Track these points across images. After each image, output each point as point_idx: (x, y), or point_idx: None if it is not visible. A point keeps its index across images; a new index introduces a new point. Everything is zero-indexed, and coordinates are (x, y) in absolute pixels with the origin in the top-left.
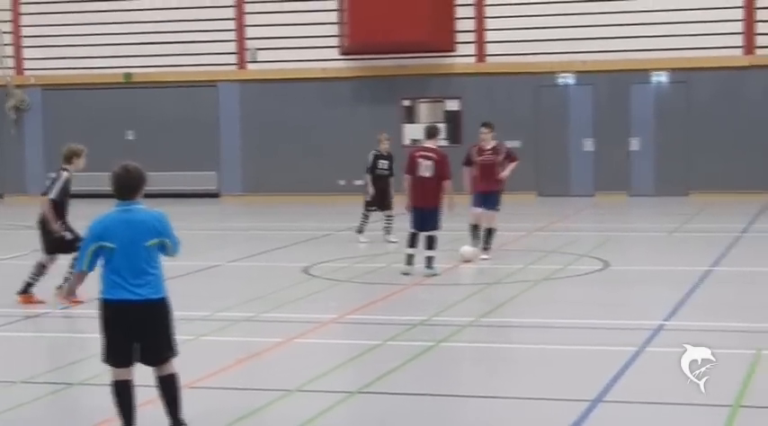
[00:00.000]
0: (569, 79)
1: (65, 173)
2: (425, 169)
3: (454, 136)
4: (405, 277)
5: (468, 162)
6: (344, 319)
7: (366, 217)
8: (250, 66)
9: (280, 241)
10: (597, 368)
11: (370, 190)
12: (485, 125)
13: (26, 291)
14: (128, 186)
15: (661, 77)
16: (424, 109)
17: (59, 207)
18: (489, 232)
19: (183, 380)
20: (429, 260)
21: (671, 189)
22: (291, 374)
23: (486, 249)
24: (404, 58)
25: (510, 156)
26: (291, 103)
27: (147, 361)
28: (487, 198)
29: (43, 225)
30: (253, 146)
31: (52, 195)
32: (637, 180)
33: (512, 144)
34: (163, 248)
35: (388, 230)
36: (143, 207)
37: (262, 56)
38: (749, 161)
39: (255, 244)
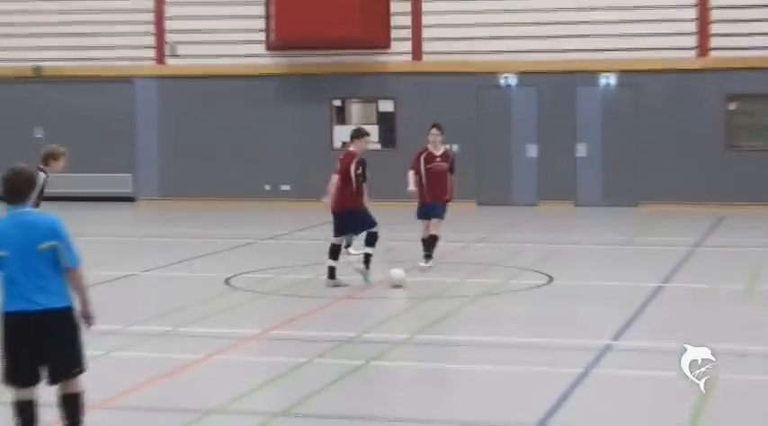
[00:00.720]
0: (512, 80)
1: (42, 175)
2: (335, 170)
3: (388, 139)
4: (334, 289)
5: (416, 169)
6: (268, 335)
7: None
8: (169, 61)
9: (199, 249)
10: (540, 390)
11: None
12: (436, 126)
13: None
14: (17, 190)
15: (609, 79)
16: (355, 110)
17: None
18: (433, 239)
19: (92, 399)
20: (366, 257)
21: (620, 199)
22: (210, 393)
23: (428, 257)
24: (335, 55)
25: (451, 168)
26: (214, 102)
27: (53, 377)
28: (434, 207)
29: None
30: (171, 148)
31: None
32: (583, 188)
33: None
34: (55, 255)
35: (349, 241)
36: (35, 210)
37: (182, 50)
38: (703, 170)
39: (173, 253)
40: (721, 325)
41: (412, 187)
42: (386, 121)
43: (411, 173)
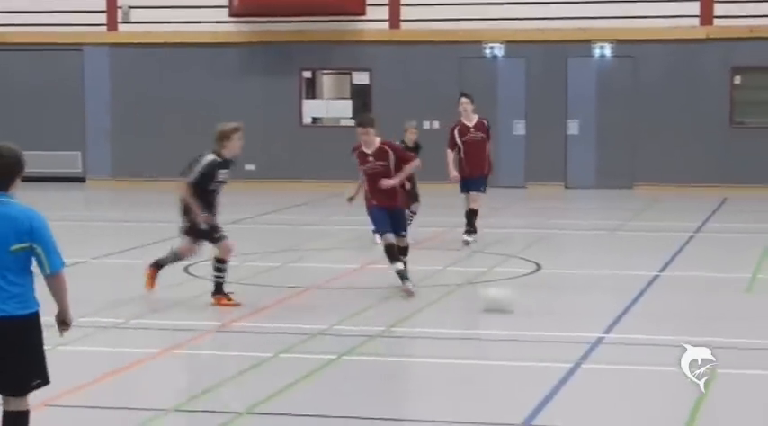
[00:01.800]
0: (498, 50)
1: (209, 157)
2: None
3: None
4: (302, 279)
5: (453, 144)
6: (231, 327)
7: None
8: (122, 27)
9: (156, 234)
10: (525, 387)
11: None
12: (465, 95)
13: (219, 291)
14: None
15: (604, 50)
16: (327, 82)
17: (204, 194)
18: (472, 213)
19: (39, 397)
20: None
21: (614, 180)
22: (168, 390)
23: (469, 232)
24: (304, 22)
25: (488, 135)
26: (171, 73)
27: (9, 389)
28: (474, 180)
29: (186, 208)
30: (124, 123)
31: (190, 178)
32: (575, 169)
33: (429, 125)
34: (29, 257)
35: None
36: (16, 201)
37: (136, 15)
38: (705, 149)
39: (127, 238)
40: (721, 317)
41: (453, 173)
42: (360, 95)
43: (449, 153)
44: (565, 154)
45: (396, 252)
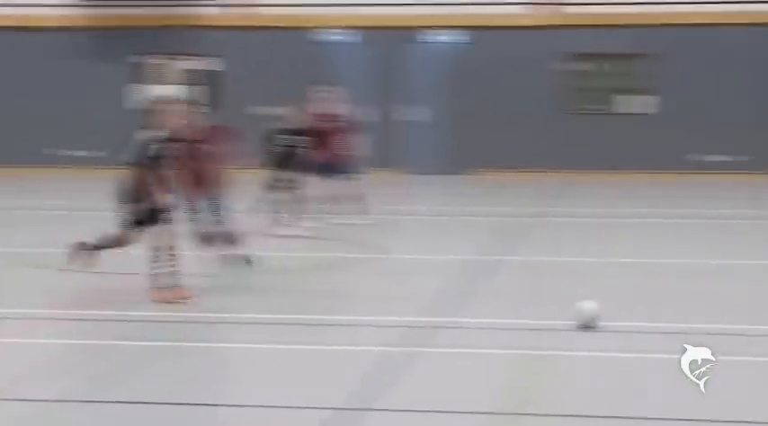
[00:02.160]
0: (346, 35)
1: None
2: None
3: (214, 100)
4: (127, 266)
5: (313, 131)
6: (67, 315)
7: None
8: None
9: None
10: (363, 370)
11: None
12: (327, 83)
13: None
14: None
15: (446, 36)
16: (177, 68)
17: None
18: (358, 198)
19: None
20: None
21: (455, 166)
22: None
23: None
24: (153, 6)
25: (355, 126)
26: (17, 57)
27: None
28: (340, 166)
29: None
30: None
31: (127, 158)
32: (415, 155)
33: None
34: None
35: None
36: None
37: None
38: (544, 135)
39: None
40: (560, 298)
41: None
42: (212, 81)
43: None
44: (407, 139)
45: (214, 239)
